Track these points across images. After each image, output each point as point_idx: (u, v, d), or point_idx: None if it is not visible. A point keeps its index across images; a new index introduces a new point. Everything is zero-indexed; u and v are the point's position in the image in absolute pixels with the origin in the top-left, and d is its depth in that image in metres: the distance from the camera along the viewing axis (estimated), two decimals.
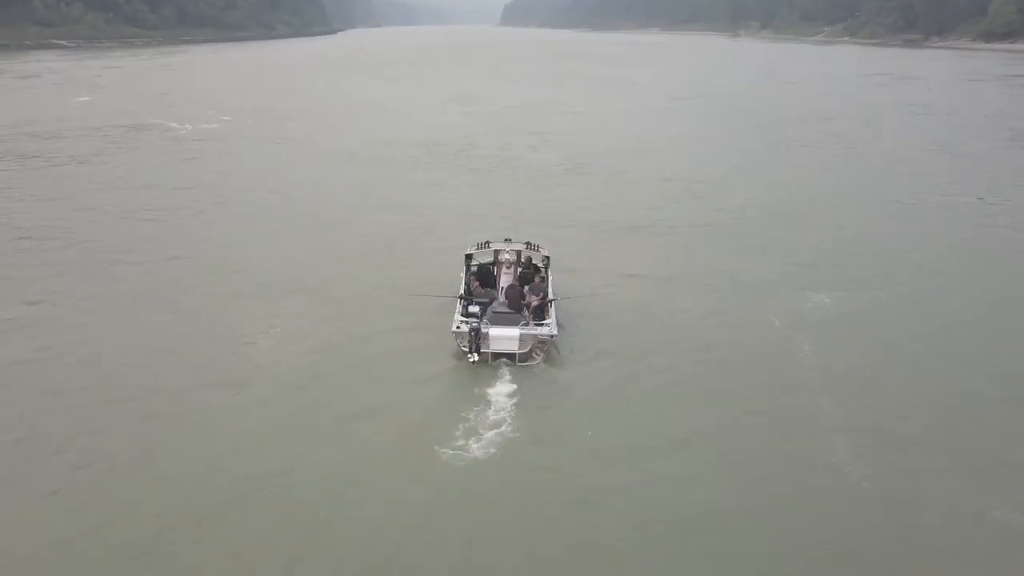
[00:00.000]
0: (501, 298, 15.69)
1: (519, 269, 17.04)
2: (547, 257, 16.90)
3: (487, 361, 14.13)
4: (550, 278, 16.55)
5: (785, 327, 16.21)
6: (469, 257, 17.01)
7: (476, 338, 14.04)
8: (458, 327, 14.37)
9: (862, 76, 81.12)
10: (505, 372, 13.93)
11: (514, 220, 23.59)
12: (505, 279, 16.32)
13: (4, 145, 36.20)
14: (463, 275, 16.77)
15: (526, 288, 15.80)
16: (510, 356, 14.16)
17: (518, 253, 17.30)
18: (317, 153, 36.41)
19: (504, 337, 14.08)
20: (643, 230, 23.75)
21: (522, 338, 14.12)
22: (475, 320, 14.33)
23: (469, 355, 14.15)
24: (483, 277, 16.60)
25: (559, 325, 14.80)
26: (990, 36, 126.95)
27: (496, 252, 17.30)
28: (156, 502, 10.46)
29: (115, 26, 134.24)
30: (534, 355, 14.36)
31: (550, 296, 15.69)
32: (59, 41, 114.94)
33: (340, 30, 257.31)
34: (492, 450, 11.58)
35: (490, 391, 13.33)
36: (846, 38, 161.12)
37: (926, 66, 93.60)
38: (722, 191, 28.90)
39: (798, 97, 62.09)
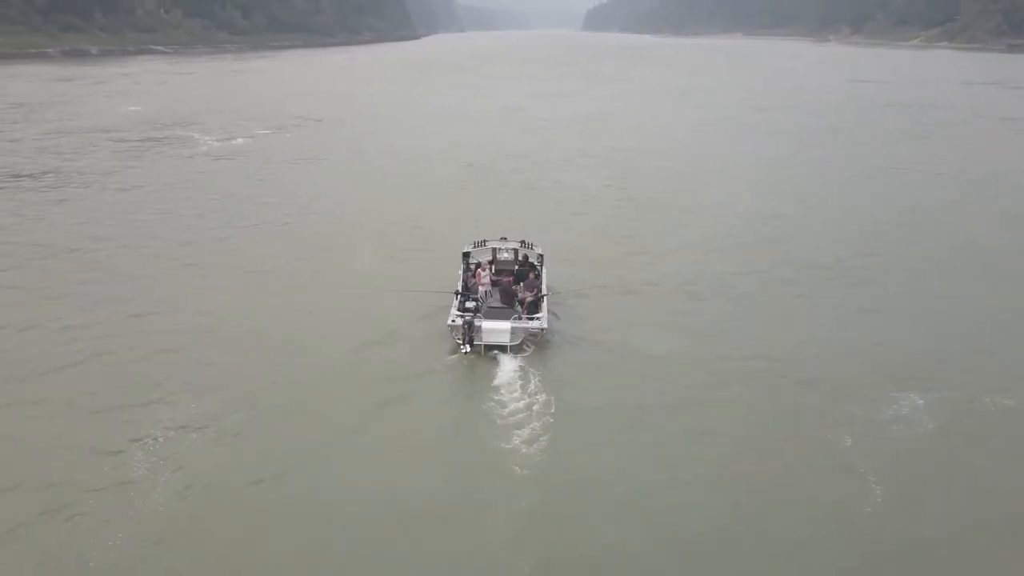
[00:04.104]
0: (485, 297, 15.89)
1: (516, 267, 17.37)
2: (541, 255, 17.35)
3: (480, 352, 14.57)
4: (544, 275, 16.92)
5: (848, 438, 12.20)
6: (467, 255, 17.46)
7: (469, 331, 14.50)
8: (453, 321, 14.83)
9: (965, 84, 76.66)
10: (497, 363, 14.34)
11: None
12: (484, 278, 16.55)
13: (8, 158, 34.25)
14: (460, 272, 17.24)
15: (520, 284, 16.28)
16: (502, 348, 14.54)
17: (515, 251, 17.65)
18: (343, 169, 33.94)
19: (496, 330, 14.51)
20: (690, 281, 19.09)
21: (513, 331, 14.54)
22: (469, 314, 14.75)
23: (463, 346, 14.58)
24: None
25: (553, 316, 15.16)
26: None
27: (494, 250, 17.65)
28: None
29: (210, 32, 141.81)
30: (526, 347, 14.76)
31: (543, 292, 16.11)
32: (157, 47, 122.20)
33: (424, 35, 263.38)
34: (484, 441, 11.92)
35: (483, 381, 13.78)
36: (944, 43, 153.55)
37: None
38: (798, 233, 23.62)
39: (893, 110, 55.74)
